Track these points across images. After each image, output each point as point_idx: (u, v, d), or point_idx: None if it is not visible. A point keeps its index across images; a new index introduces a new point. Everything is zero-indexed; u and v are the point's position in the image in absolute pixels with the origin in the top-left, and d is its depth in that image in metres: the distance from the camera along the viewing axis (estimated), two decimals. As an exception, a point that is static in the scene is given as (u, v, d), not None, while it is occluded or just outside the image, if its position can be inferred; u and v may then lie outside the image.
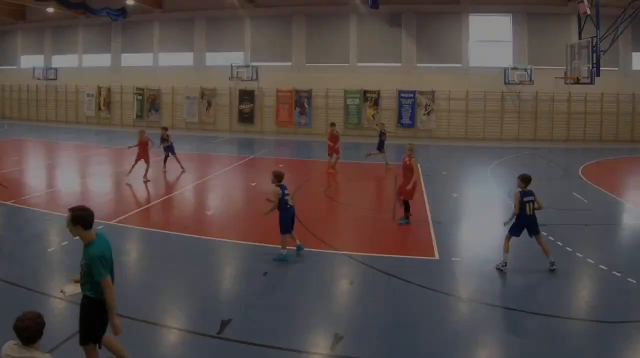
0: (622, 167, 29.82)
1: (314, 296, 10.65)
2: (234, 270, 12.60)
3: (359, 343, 8.69)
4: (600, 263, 12.30)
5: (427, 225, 15.77)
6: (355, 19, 41.11)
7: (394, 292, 10.90)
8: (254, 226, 15.49)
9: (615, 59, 37.73)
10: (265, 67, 42.14)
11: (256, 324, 9.23)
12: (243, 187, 22.03)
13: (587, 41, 27.33)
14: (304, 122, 41.98)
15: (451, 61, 40.25)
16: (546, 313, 9.75)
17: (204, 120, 43.62)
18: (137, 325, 8.98)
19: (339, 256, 12.98)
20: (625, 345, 8.81)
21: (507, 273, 11.88)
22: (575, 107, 39.24)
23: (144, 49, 44.93)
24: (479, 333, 9.23)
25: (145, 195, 20.05)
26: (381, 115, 40.79)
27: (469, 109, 40.07)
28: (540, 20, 39.41)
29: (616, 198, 20.41)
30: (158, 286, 11.07)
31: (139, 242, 14.54)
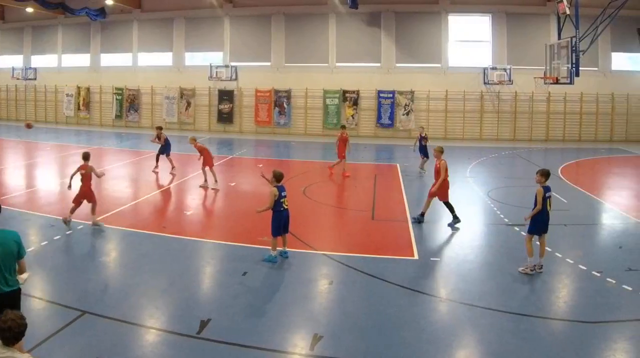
0: (601, 167, 28.75)
1: (293, 296, 10.45)
2: (213, 270, 12.19)
3: (338, 343, 8.48)
4: (579, 263, 12.01)
5: (407, 225, 15.39)
6: (335, 19, 39.20)
7: (373, 292, 10.61)
8: (233, 226, 15.12)
9: (595, 59, 36.42)
10: (245, 67, 40.28)
11: (235, 324, 9.03)
12: (222, 187, 20.98)
13: (566, 41, 26.48)
14: (283, 122, 40.06)
15: (430, 61, 38.49)
16: (526, 313, 9.57)
17: (183, 120, 41.58)
18: (116, 325, 8.80)
19: (318, 256, 12.65)
20: (604, 345, 8.57)
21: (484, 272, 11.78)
22: (555, 107, 37.62)
23: (123, 48, 42.78)
24: (458, 333, 8.99)
25: (124, 196, 19.14)
26: (360, 115, 39.01)
27: (448, 109, 38.31)
28: (520, 20, 37.73)
29: (595, 198, 19.72)
30: (137, 286, 10.73)
31: (118, 242, 13.95)
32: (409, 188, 20.79)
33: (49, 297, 9.98)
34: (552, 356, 8.17)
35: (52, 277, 11.08)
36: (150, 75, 41.79)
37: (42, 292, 10.30)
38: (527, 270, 11.48)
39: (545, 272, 11.62)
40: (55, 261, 11.99)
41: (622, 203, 19.18)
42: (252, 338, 8.51)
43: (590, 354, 8.27)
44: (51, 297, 9.94)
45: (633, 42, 36.33)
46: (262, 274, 11.48)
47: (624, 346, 8.59)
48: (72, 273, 11.29)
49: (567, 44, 26.37)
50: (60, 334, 8.45)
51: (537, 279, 11.32)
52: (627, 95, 37.11)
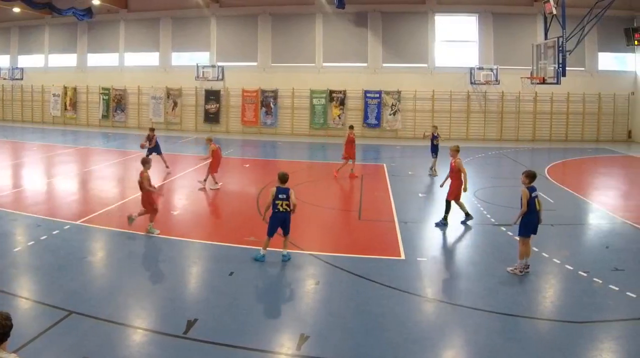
0: (588, 167, 27.80)
1: (280, 296, 10.35)
2: (200, 270, 11.88)
3: (325, 343, 8.33)
4: (566, 263, 11.79)
5: (393, 225, 15.04)
6: (321, 19, 37.96)
7: (360, 292, 10.38)
8: (220, 226, 14.82)
9: (582, 59, 35.41)
10: (231, 67, 38.99)
11: (222, 324, 8.86)
12: (208, 187, 20.19)
13: (553, 41, 25.91)
14: (270, 122, 38.76)
15: (417, 61, 37.30)
16: (512, 313, 9.40)
17: (169, 120, 40.24)
18: (103, 325, 8.63)
19: (305, 256, 12.35)
20: (591, 345, 8.43)
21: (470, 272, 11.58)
22: (541, 107, 36.54)
23: (110, 48, 41.40)
24: (445, 333, 8.87)
25: (110, 196, 18.49)
26: (347, 115, 37.70)
27: (434, 109, 37.12)
28: (506, 20, 36.60)
29: (582, 198, 19.17)
30: (124, 286, 10.50)
31: (105, 242, 13.60)
32: (395, 189, 20.20)
33: (36, 297, 9.84)
34: (538, 356, 8.00)
35: (38, 277, 10.86)
36: (137, 75, 40.44)
37: (29, 292, 10.14)
38: (517, 271, 11.22)
39: (532, 272, 11.36)
40: (42, 261, 11.72)
41: (609, 203, 18.67)
42: (238, 338, 8.36)
43: (577, 354, 8.10)
44: (38, 297, 9.79)
45: (620, 42, 35.46)
46: (248, 274, 11.21)
47: (610, 346, 8.38)
48: (58, 273, 10.93)
49: (553, 44, 25.99)
50: (47, 334, 8.26)
51: (524, 279, 11.07)
52: (613, 95, 36.15)
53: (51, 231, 13.69)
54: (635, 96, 36.19)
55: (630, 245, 13.70)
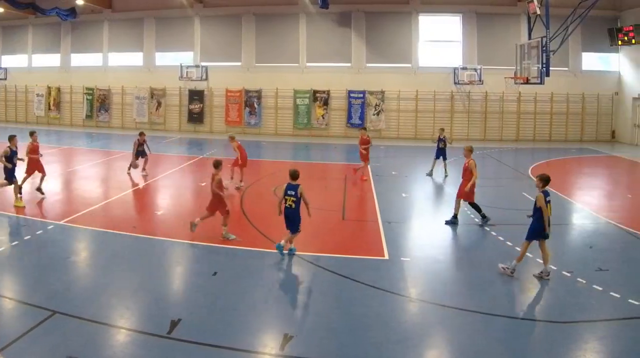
0: (572, 167, 26.61)
1: (264, 296, 9.86)
2: (183, 270, 11.50)
3: (309, 343, 8.05)
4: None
5: (377, 225, 14.54)
6: (305, 19, 36.46)
7: (344, 292, 10.07)
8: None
9: (565, 59, 34.15)
10: (215, 67, 37.39)
11: (206, 324, 8.57)
12: (192, 187, 19.99)
13: (536, 41, 25.33)
14: (254, 122, 37.20)
15: (401, 61, 35.84)
16: (496, 314, 9.14)
17: (153, 120, 38.58)
18: (86, 325, 8.35)
19: (288, 256, 11.86)
20: (575, 345, 8.18)
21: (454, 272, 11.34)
22: (525, 107, 35.17)
23: (94, 48, 39.68)
24: (429, 333, 8.63)
25: (94, 196, 17.72)
26: (330, 115, 36.31)
27: (418, 109, 35.67)
28: (490, 20, 35.23)
29: (566, 198, 18.25)
30: (107, 286, 10.10)
31: (88, 241, 13.12)
32: (379, 189, 19.40)
33: (19, 296, 9.65)
34: (522, 356, 7.83)
35: (22, 277, 10.62)
36: (121, 75, 38.77)
37: (12, 292, 9.87)
38: (508, 272, 10.76)
39: (516, 272, 10.89)
40: (26, 261, 11.39)
41: (593, 203, 17.98)
42: (222, 338, 8.10)
43: (561, 354, 7.83)
44: (21, 296, 9.59)
45: (603, 42, 34.21)
46: (232, 274, 10.81)
47: (594, 346, 8.13)
48: (42, 273, 10.55)
49: (537, 44, 25.21)
50: (31, 334, 8.00)
51: (508, 279, 10.72)
52: (597, 95, 34.86)
53: (35, 231, 13.22)
54: (619, 96, 34.93)
55: (614, 245, 13.23)
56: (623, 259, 12.14)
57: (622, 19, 34.24)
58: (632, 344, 8.14)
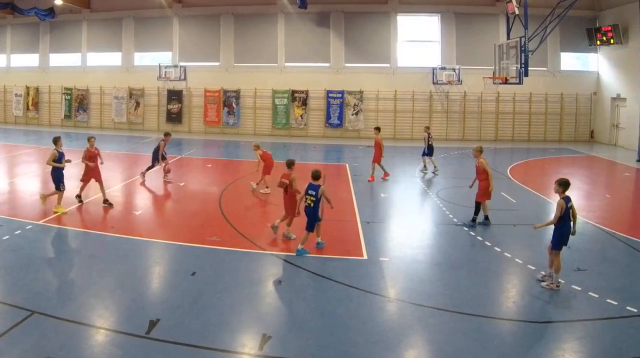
0: (550, 167, 25.26)
1: (242, 296, 9.39)
2: (162, 270, 10.96)
3: (287, 343, 7.69)
4: (528, 263, 11.15)
5: (356, 225, 13.98)
6: (284, 19, 34.47)
7: (322, 292, 9.66)
8: (183, 226, 13.79)
9: (544, 59, 32.46)
10: (194, 67, 35.30)
11: (184, 324, 8.15)
12: (171, 186, 18.86)
13: (515, 41, 24.38)
14: (232, 122, 35.14)
15: (379, 61, 33.95)
16: (475, 313, 8.75)
17: (132, 120, 36.42)
18: (65, 325, 7.98)
19: (267, 256, 11.59)
20: (553, 345, 7.79)
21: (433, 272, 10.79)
22: (504, 107, 33.40)
23: (72, 48, 37.43)
24: (407, 333, 8.20)
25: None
26: (309, 115, 34.38)
27: (397, 109, 33.78)
28: (469, 20, 33.45)
29: (544, 198, 17.69)
30: (86, 286, 9.66)
31: (67, 242, 12.63)
32: (358, 189, 18.63)
33: None
34: (501, 356, 7.50)
35: (0, 277, 10.07)
36: (99, 76, 36.59)
37: None
38: (553, 286, 9.79)
39: (494, 271, 10.86)
40: (4, 261, 10.83)
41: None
42: (201, 338, 7.77)
43: (540, 354, 7.59)
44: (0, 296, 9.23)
45: (582, 42, 32.63)
46: (211, 274, 10.41)
47: (573, 346, 7.87)
48: (20, 273, 10.09)
49: (516, 44, 24.26)
50: (9, 334, 7.68)
51: (486, 279, 10.40)
52: (576, 95, 33.12)
53: (13, 231, 12.64)
54: (597, 96, 33.22)
55: (592, 245, 12.69)
56: (601, 259, 11.65)
57: (600, 19, 32.58)
58: (611, 344, 7.83)
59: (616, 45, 30.38)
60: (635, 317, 8.69)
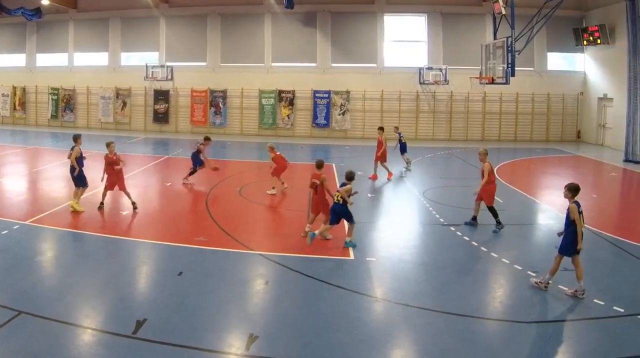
0: (537, 167, 24.49)
1: (229, 296, 9.04)
2: (149, 270, 10.60)
3: (274, 343, 7.45)
4: (515, 263, 10.77)
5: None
6: (270, 19, 33.29)
7: (309, 292, 9.33)
8: (169, 226, 13.47)
9: (530, 59, 31.38)
10: (180, 67, 34.10)
11: (171, 324, 7.89)
12: (158, 187, 18.67)
13: (502, 41, 23.49)
14: (219, 122, 33.94)
15: (366, 61, 32.82)
16: (461, 313, 8.42)
17: (118, 120, 35.15)
18: (52, 325, 7.75)
19: (254, 256, 11.18)
20: (540, 345, 7.58)
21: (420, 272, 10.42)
22: (490, 107, 32.29)
23: (59, 48, 36.10)
24: (394, 333, 7.94)
25: (60, 195, 16.15)
26: (296, 115, 33.24)
27: (383, 109, 32.65)
28: (455, 20, 32.37)
29: (531, 198, 17.33)
30: (73, 286, 9.34)
31: (54, 241, 12.19)
32: None
33: None
34: (487, 356, 7.20)
35: None
36: (86, 76, 35.28)
37: None
38: (542, 286, 9.35)
39: (481, 271, 10.64)
40: None
41: (558, 203, 16.03)
42: (187, 338, 7.47)
43: (527, 354, 7.31)
44: None
45: (568, 42, 31.56)
46: (198, 274, 10.08)
47: (559, 346, 7.61)
48: (7, 273, 9.80)
49: (502, 44, 23.33)
50: None
51: (473, 279, 10.13)
52: (562, 95, 32.06)
53: (0, 231, 12.26)
54: (584, 96, 32.18)
55: None
56: (588, 259, 10.84)
57: (587, 19, 31.58)
58: (597, 344, 7.61)
59: (603, 45, 29.36)
60: (621, 317, 8.35)
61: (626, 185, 22.06)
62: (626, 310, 8.54)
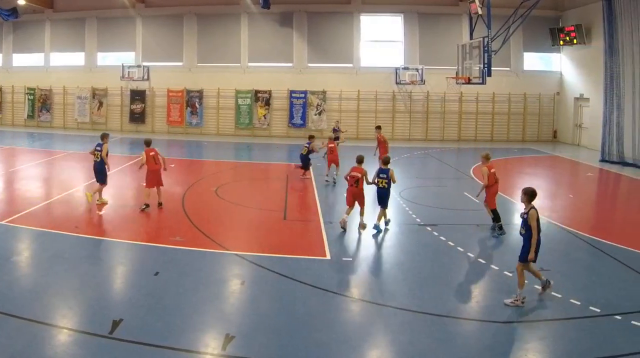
0: (514, 167, 23.13)
1: (206, 296, 8.65)
2: (125, 270, 9.96)
3: (250, 343, 7.13)
4: (491, 263, 10.28)
5: (319, 225, 12.91)
6: (247, 19, 31.32)
7: (286, 292, 8.87)
8: (146, 226, 12.87)
9: (507, 59, 29.60)
10: (157, 67, 32.02)
11: (147, 324, 7.56)
12: (134, 187, 17.58)
13: (478, 41, 22.31)
14: (195, 122, 31.90)
15: (342, 61, 30.93)
16: (438, 314, 8.09)
17: (95, 121, 33.03)
18: (27, 325, 7.43)
19: (230, 256, 10.54)
20: (516, 345, 7.25)
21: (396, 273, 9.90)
22: (467, 107, 30.52)
23: (36, 49, 33.93)
24: (370, 333, 7.61)
25: (36, 196, 15.56)
26: (272, 115, 31.29)
27: (360, 108, 30.76)
28: (432, 20, 30.55)
29: (507, 198, 16.05)
30: (49, 286, 8.89)
31: (30, 241, 11.40)
32: (321, 189, 17.30)
33: None
34: (464, 356, 6.88)
35: None
36: (63, 76, 33.14)
37: None
38: (518, 303, 8.36)
39: (458, 271, 10.08)
40: None
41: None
42: (164, 338, 7.11)
43: (503, 354, 6.97)
44: None
45: (545, 42, 29.92)
46: (174, 274, 9.51)
47: (535, 346, 7.17)
48: None
49: (479, 44, 22.15)
50: None
51: (449, 279, 9.54)
52: (539, 95, 30.37)
53: None
54: (560, 96, 30.49)
55: (555, 246, 11.57)
56: (564, 259, 10.79)
57: (563, 19, 29.93)
58: (574, 344, 7.23)
59: (579, 45, 27.78)
60: (598, 317, 8.01)
61: (602, 185, 20.89)
62: (602, 310, 8.14)
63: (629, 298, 8.70)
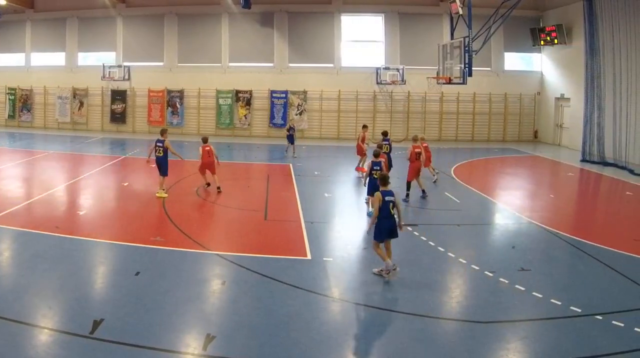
0: (494, 166, 22.14)
1: (186, 296, 8.21)
2: (106, 270, 9.51)
3: (231, 343, 6.78)
4: (472, 263, 9.73)
5: (299, 225, 12.16)
6: (227, 19, 29.41)
7: (266, 292, 8.42)
8: (126, 226, 12.05)
9: (488, 59, 27.91)
10: (138, 67, 30.04)
11: (128, 324, 7.17)
12: (115, 187, 16.78)
13: (459, 41, 21.43)
14: (176, 122, 29.91)
15: (323, 61, 29.05)
16: (418, 313, 7.72)
17: (76, 120, 30.99)
18: (7, 325, 7.03)
19: (210, 256, 10.07)
20: (497, 345, 6.90)
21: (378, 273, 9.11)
22: (448, 107, 28.74)
23: (16, 48, 31.84)
24: (351, 333, 7.20)
25: (16, 195, 14.73)
26: (253, 115, 29.45)
27: (341, 108, 28.91)
28: (413, 20, 28.72)
29: (488, 198, 15.66)
30: (30, 286, 8.42)
31: (11, 242, 10.64)
32: (302, 189, 16.43)
33: None
34: (445, 356, 6.54)
35: None
36: (43, 76, 31.10)
37: None
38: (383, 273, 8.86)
39: (438, 271, 9.54)
40: None
41: (515, 203, 15.40)
42: (144, 338, 6.78)
43: (483, 354, 6.66)
44: None
45: (525, 42, 28.20)
46: (154, 274, 8.99)
47: (516, 346, 6.86)
48: None
49: (460, 44, 21.25)
50: None
51: (430, 279, 9.06)
52: (519, 95, 28.60)
53: None
54: (541, 96, 28.75)
55: (536, 245, 11.14)
56: (545, 259, 10.26)
57: (544, 19, 28.25)
58: (554, 344, 6.83)
59: (560, 45, 26.17)
60: (579, 317, 7.63)
61: (583, 185, 19.57)
62: (583, 310, 7.78)
63: (610, 298, 8.27)
